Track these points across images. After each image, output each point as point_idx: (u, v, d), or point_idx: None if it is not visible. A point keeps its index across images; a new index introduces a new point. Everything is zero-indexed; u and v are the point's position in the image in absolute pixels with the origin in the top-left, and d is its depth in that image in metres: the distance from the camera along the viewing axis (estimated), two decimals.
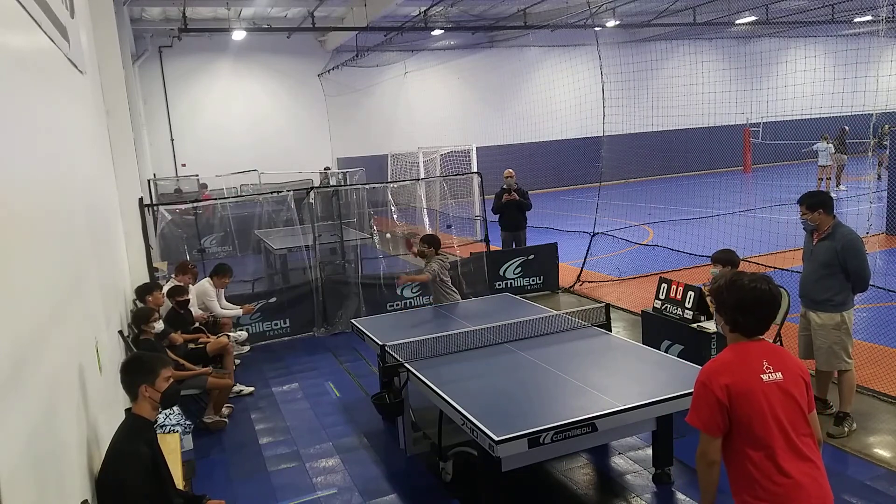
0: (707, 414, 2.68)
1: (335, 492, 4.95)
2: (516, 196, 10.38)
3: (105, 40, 7.72)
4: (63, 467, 2.69)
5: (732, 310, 2.75)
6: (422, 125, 23.80)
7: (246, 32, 19.36)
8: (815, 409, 2.82)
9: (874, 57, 12.25)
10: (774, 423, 2.63)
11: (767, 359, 2.71)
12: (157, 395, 3.39)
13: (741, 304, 2.72)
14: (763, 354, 2.72)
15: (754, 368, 2.68)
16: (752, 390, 2.64)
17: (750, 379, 2.66)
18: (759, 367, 2.68)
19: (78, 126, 4.61)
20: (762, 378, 2.67)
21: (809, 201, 5.14)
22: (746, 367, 2.69)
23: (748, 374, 2.67)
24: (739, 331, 2.77)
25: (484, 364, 4.98)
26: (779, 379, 2.68)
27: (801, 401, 2.70)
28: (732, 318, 2.76)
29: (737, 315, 2.74)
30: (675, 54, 20.50)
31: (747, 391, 2.64)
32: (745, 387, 2.65)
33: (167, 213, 9.07)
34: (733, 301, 2.74)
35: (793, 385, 2.70)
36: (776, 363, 2.71)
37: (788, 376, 2.70)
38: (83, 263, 3.96)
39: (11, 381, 2.06)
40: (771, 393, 2.65)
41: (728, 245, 6.81)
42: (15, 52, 2.67)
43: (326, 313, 9.13)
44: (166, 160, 21.27)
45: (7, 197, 2.27)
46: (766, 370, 2.68)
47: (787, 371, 2.72)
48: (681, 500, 4.54)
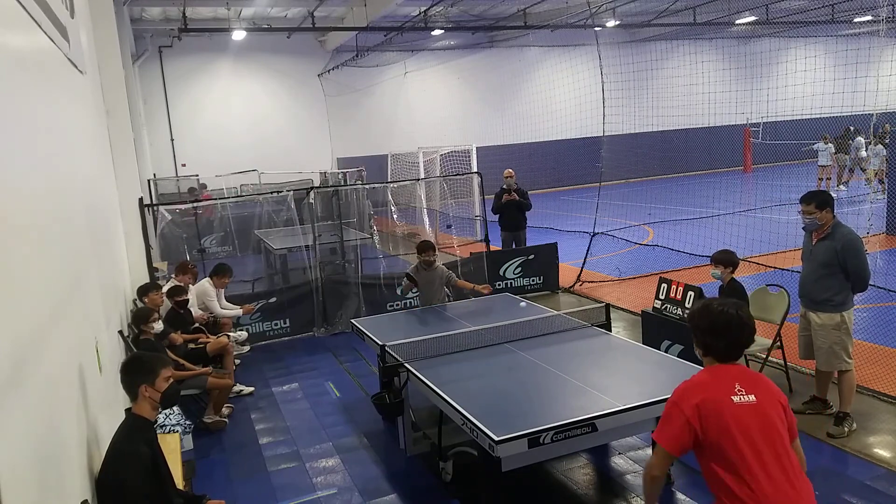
0: (671, 432, 2.73)
1: (335, 492, 4.95)
2: (516, 196, 10.39)
3: (105, 40, 7.72)
4: (63, 467, 2.69)
5: (703, 333, 2.83)
6: (422, 125, 23.80)
7: (246, 32, 19.37)
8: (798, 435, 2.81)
9: (874, 57, 12.24)
10: (746, 444, 2.63)
11: (740, 382, 2.74)
12: (157, 395, 3.38)
13: (712, 328, 2.79)
14: (736, 377, 2.76)
15: (725, 390, 2.72)
16: (721, 412, 2.67)
17: (720, 400, 2.69)
18: (730, 389, 2.71)
19: (78, 126, 4.61)
20: (732, 399, 2.69)
21: (818, 200, 5.14)
22: (717, 389, 2.73)
23: (719, 395, 2.70)
24: (712, 354, 2.84)
25: (484, 364, 4.98)
26: (751, 401, 2.69)
27: (778, 423, 2.70)
28: (704, 341, 2.84)
29: (708, 339, 2.82)
30: (675, 54, 20.51)
31: (717, 412, 2.67)
32: (715, 407, 2.68)
33: (167, 213, 9.06)
34: (705, 325, 2.82)
35: (769, 407, 2.71)
36: (749, 386, 2.73)
37: (762, 398, 2.71)
38: (83, 263, 3.96)
39: (11, 381, 2.06)
40: (742, 414, 2.66)
41: (728, 245, 6.82)
42: (15, 52, 2.67)
43: (326, 313, 9.13)
44: (166, 160, 21.27)
45: (7, 197, 2.27)
46: (737, 392, 2.71)
47: (761, 394, 2.73)
48: (681, 500, 4.54)
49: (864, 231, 9.37)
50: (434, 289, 6.99)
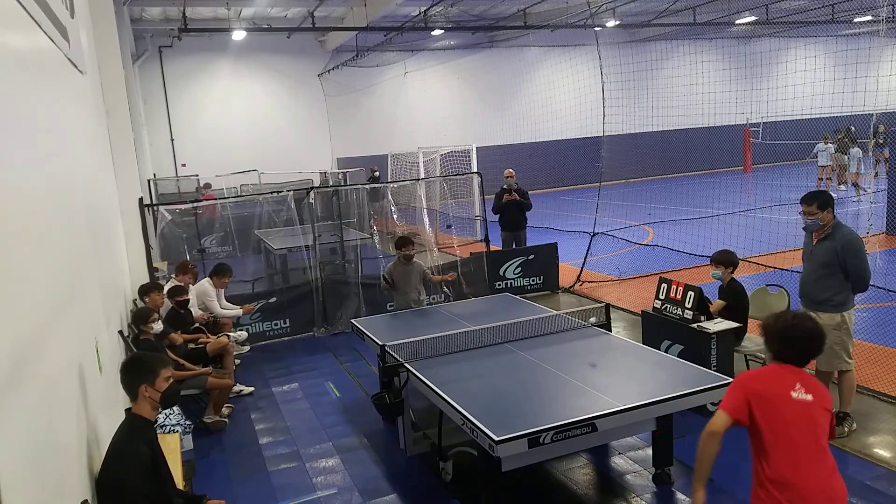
0: (734, 402, 3.01)
1: (335, 492, 4.95)
2: (516, 196, 10.39)
3: (105, 40, 7.71)
4: (63, 467, 2.69)
5: (776, 342, 3.07)
6: (422, 125, 23.80)
7: (246, 32, 19.37)
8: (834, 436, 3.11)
9: (874, 57, 12.24)
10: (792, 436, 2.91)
11: (801, 381, 3.00)
12: (157, 396, 3.39)
13: (784, 338, 3.03)
14: (799, 378, 3.01)
15: (787, 385, 2.98)
16: (777, 404, 2.94)
17: (780, 393, 2.97)
18: (791, 385, 2.98)
19: (78, 126, 4.61)
20: (791, 395, 2.96)
21: (819, 200, 5.14)
22: (780, 382, 3.00)
23: (780, 388, 2.98)
24: (781, 360, 3.08)
25: (484, 364, 4.98)
26: (808, 399, 2.96)
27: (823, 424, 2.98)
28: (777, 349, 3.07)
29: (779, 347, 3.06)
30: (675, 54, 20.50)
31: (774, 402, 2.95)
32: (774, 397, 2.96)
33: (167, 213, 9.06)
34: (778, 334, 3.06)
35: (819, 409, 2.97)
36: (808, 387, 2.99)
37: (816, 401, 2.97)
38: (83, 263, 3.96)
39: (11, 381, 2.06)
40: (796, 410, 2.93)
41: (728, 245, 6.82)
42: (15, 52, 2.67)
43: (326, 313, 9.13)
44: (166, 160, 21.26)
45: (7, 197, 2.27)
46: (797, 389, 2.97)
47: (816, 396, 2.98)
48: (681, 500, 4.54)
49: (864, 231, 9.37)
50: (411, 284, 7.04)
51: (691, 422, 5.46)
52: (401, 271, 7.03)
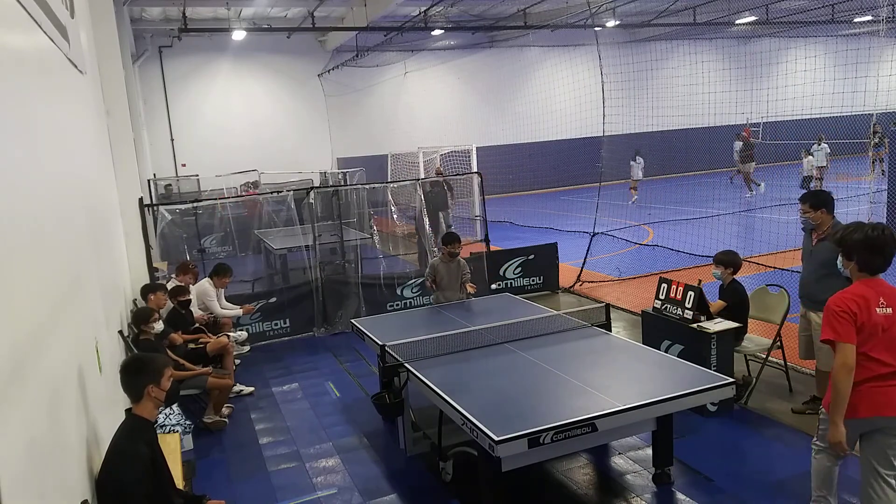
0: (843, 327, 3.35)
1: (335, 492, 4.95)
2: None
3: (105, 40, 7.71)
4: (63, 467, 2.69)
5: (862, 250, 3.42)
6: (422, 125, 23.80)
7: (246, 32, 19.37)
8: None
9: (874, 57, 12.24)
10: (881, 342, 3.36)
11: (884, 296, 3.40)
12: (161, 395, 3.41)
13: (871, 246, 3.39)
14: (881, 292, 3.41)
15: (873, 301, 3.38)
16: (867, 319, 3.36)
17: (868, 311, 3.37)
18: (875, 301, 3.39)
19: (78, 126, 4.61)
20: (876, 311, 3.37)
21: (812, 200, 5.15)
22: (866, 303, 3.38)
23: (865, 309, 3.37)
24: (867, 270, 3.44)
25: (484, 364, 4.98)
26: (888, 313, 3.38)
27: None
28: (863, 258, 3.43)
29: (866, 255, 3.41)
30: (675, 54, 20.49)
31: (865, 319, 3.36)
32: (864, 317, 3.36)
33: (167, 213, 9.06)
34: (863, 244, 3.41)
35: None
36: (890, 300, 3.40)
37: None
38: (83, 263, 3.96)
39: (11, 381, 2.06)
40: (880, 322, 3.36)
41: (728, 245, 6.82)
42: (15, 52, 2.67)
43: (326, 313, 9.13)
44: (166, 160, 21.27)
45: (7, 197, 2.26)
46: (881, 304, 3.38)
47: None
48: (681, 500, 4.54)
49: None
50: (454, 282, 7.03)
51: (691, 422, 5.46)
52: (445, 268, 7.02)
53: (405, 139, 22.10)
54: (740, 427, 5.48)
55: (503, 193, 22.86)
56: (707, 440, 5.28)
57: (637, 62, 16.32)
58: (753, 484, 4.60)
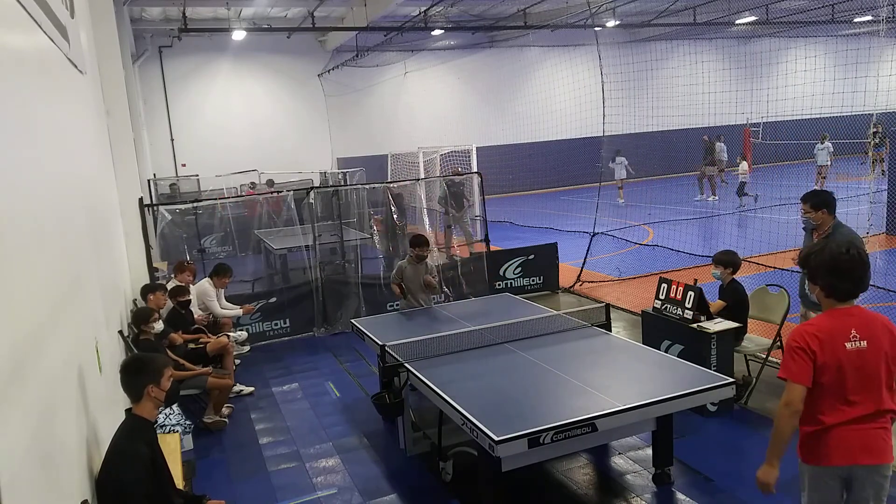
0: (797, 365, 2.90)
1: (335, 492, 4.95)
2: None
3: (105, 40, 7.71)
4: (63, 467, 2.69)
5: (827, 275, 2.92)
6: (422, 125, 23.79)
7: (246, 32, 19.35)
8: None
9: (874, 57, 12.25)
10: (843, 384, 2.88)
11: (857, 327, 2.91)
12: (161, 395, 3.42)
13: (836, 270, 2.90)
14: (853, 324, 2.92)
15: (842, 335, 2.89)
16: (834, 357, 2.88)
17: (835, 344, 2.89)
18: (846, 335, 2.89)
19: (78, 126, 4.61)
20: (845, 346, 2.89)
21: (813, 200, 5.14)
22: (835, 333, 2.90)
23: (835, 340, 2.89)
24: (835, 296, 2.95)
25: (484, 364, 4.98)
26: (862, 347, 2.89)
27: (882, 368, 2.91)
28: (828, 282, 2.94)
29: (833, 280, 2.92)
30: (675, 54, 20.49)
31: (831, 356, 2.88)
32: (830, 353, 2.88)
33: (167, 213, 9.06)
34: (828, 267, 2.91)
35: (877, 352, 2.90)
36: (864, 331, 2.91)
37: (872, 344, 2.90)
38: (83, 263, 3.96)
39: (11, 381, 2.06)
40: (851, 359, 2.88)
41: (728, 245, 6.82)
42: (15, 52, 2.67)
43: (326, 313, 9.13)
44: (166, 160, 21.25)
45: (7, 197, 2.26)
46: (851, 338, 2.89)
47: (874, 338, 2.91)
48: (681, 500, 4.54)
49: (864, 231, 9.37)
50: (419, 283, 6.92)
51: (691, 422, 5.46)
52: (412, 271, 6.83)
53: (405, 139, 22.09)
54: (740, 427, 5.48)
55: (503, 193, 22.85)
56: (707, 440, 5.28)
57: (637, 62, 16.32)
58: (753, 484, 4.56)
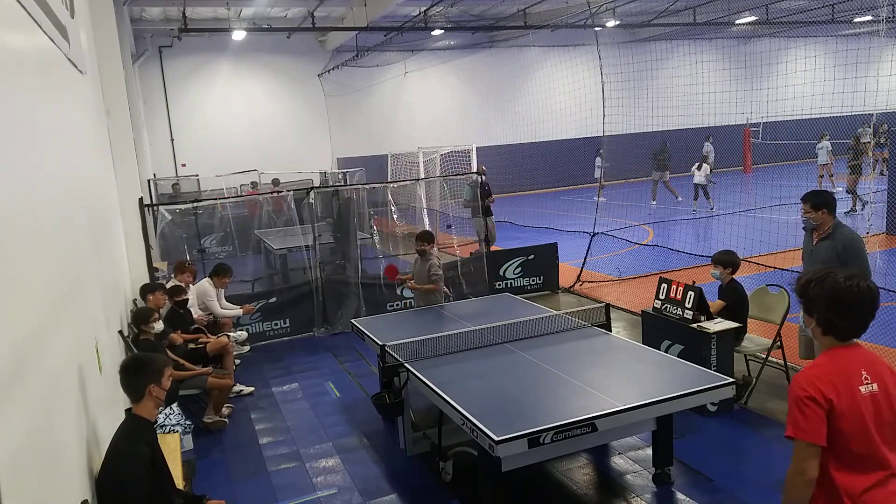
0: (808, 420, 2.38)
1: (335, 492, 4.95)
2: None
3: (105, 40, 7.71)
4: (63, 467, 2.69)
5: (827, 310, 2.46)
6: (422, 125, 23.79)
7: (246, 32, 19.35)
8: None
9: (874, 57, 12.25)
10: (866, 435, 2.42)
11: (865, 368, 2.47)
12: (162, 395, 3.43)
13: (839, 304, 2.44)
14: (861, 364, 2.49)
15: (854, 380, 2.44)
16: (851, 404, 2.40)
17: (850, 392, 2.42)
18: (857, 379, 2.44)
19: (78, 126, 4.61)
20: (860, 390, 2.42)
21: (814, 200, 5.14)
22: (847, 379, 2.44)
23: (848, 387, 2.42)
24: (834, 334, 2.50)
25: (484, 364, 4.98)
26: (874, 391, 2.45)
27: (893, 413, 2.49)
28: (827, 318, 2.48)
29: (832, 316, 2.46)
30: (675, 54, 20.49)
31: (848, 404, 2.40)
32: (847, 400, 2.40)
33: (167, 213, 9.06)
34: (829, 300, 2.45)
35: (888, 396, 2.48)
36: (873, 373, 2.48)
37: (883, 385, 2.48)
38: (83, 263, 3.96)
39: (11, 381, 2.06)
40: (866, 405, 2.43)
41: (728, 245, 6.82)
42: (15, 52, 2.67)
43: (326, 313, 9.13)
44: (166, 160, 21.25)
45: (7, 197, 2.26)
46: (864, 381, 2.44)
47: (882, 381, 2.49)
48: (681, 500, 4.54)
49: (864, 231, 9.37)
50: (421, 280, 6.98)
51: (691, 422, 5.46)
52: (419, 266, 6.99)
53: (405, 139, 22.09)
54: (740, 427, 5.48)
55: (503, 193, 22.82)
56: (707, 440, 5.28)
57: (637, 62, 16.31)
58: (753, 484, 4.60)
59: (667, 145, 19.08)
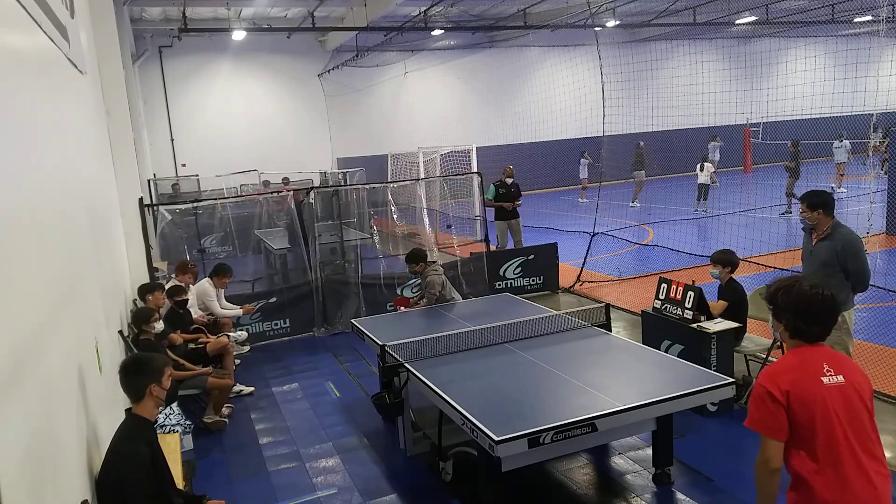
0: (769, 416, 2.63)
1: (335, 492, 4.95)
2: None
3: (105, 40, 7.71)
4: (63, 467, 2.69)
5: (795, 317, 2.71)
6: (422, 125, 23.79)
7: (246, 32, 19.36)
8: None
9: (874, 57, 12.24)
10: (838, 427, 2.58)
11: (828, 362, 2.67)
12: (163, 394, 3.44)
13: (805, 311, 2.68)
14: (823, 358, 2.69)
15: (814, 371, 2.64)
16: (812, 395, 2.59)
17: (811, 382, 2.62)
18: (819, 370, 2.65)
19: (78, 126, 4.61)
20: (822, 381, 2.62)
21: (810, 200, 5.14)
22: (806, 371, 2.65)
23: (808, 378, 2.63)
24: (801, 338, 2.73)
25: (484, 364, 4.98)
26: (840, 382, 2.64)
27: (862, 406, 2.67)
28: (794, 325, 2.72)
29: (799, 322, 2.70)
30: (675, 54, 20.48)
31: (808, 396, 2.59)
32: (806, 391, 2.60)
33: (167, 213, 9.06)
34: (796, 308, 2.70)
35: (855, 388, 2.66)
36: (836, 366, 2.67)
37: (849, 379, 2.67)
38: (83, 263, 3.96)
39: (11, 381, 2.06)
40: (832, 396, 2.61)
41: (728, 245, 6.82)
42: (15, 52, 2.67)
43: (326, 313, 9.12)
44: (166, 160, 21.26)
45: (7, 197, 2.26)
46: (826, 373, 2.64)
47: (848, 374, 2.68)
48: (681, 500, 4.54)
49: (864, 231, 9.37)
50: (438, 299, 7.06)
51: (691, 422, 5.46)
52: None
53: (405, 139, 22.10)
54: (740, 427, 5.44)
55: None
56: (707, 440, 5.28)
57: (637, 62, 16.31)
58: (753, 484, 4.59)
59: (640, 145, 19.08)
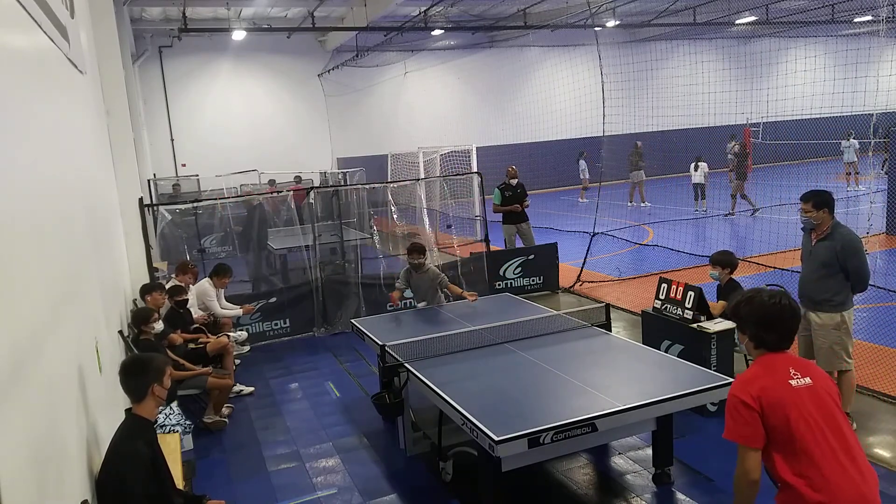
0: (744, 425, 2.68)
1: (335, 492, 4.95)
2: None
3: (105, 40, 7.71)
4: (63, 467, 2.69)
5: (755, 326, 2.80)
6: (422, 125, 23.79)
7: (246, 32, 19.36)
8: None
9: (874, 57, 12.25)
10: (808, 428, 2.63)
11: (793, 366, 2.76)
12: (164, 394, 3.45)
13: (764, 321, 2.77)
14: (789, 363, 2.77)
15: (781, 376, 2.72)
16: (781, 398, 2.66)
17: (779, 386, 2.69)
18: (786, 374, 2.72)
19: (78, 126, 4.61)
20: (790, 383, 2.70)
21: (815, 199, 5.13)
22: (773, 376, 2.72)
23: (776, 382, 2.70)
24: (764, 347, 2.82)
25: (484, 364, 4.98)
26: (808, 383, 2.71)
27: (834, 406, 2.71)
28: (756, 335, 2.81)
29: (760, 331, 2.79)
30: (675, 54, 20.48)
31: (778, 399, 2.66)
32: (775, 395, 2.67)
33: (167, 213, 9.06)
34: (756, 318, 2.79)
35: (824, 389, 2.73)
36: (802, 370, 2.76)
37: (817, 381, 2.74)
38: (83, 263, 3.96)
39: (11, 381, 2.06)
40: (802, 398, 2.67)
41: (728, 245, 6.83)
42: (15, 52, 2.67)
43: (326, 313, 9.12)
44: (166, 160, 21.25)
45: (7, 197, 2.26)
46: (793, 376, 2.72)
47: (815, 377, 2.75)
48: (681, 500, 4.54)
49: (864, 231, 9.37)
50: (423, 292, 7.01)
51: (691, 422, 5.46)
52: (414, 279, 7.01)
53: (405, 139, 22.09)
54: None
55: None
56: (707, 440, 5.28)
57: (637, 62, 16.31)
58: None
59: (638, 145, 19.09)
